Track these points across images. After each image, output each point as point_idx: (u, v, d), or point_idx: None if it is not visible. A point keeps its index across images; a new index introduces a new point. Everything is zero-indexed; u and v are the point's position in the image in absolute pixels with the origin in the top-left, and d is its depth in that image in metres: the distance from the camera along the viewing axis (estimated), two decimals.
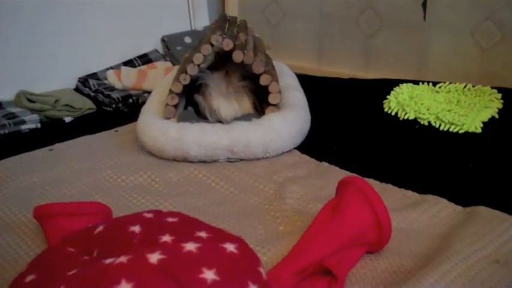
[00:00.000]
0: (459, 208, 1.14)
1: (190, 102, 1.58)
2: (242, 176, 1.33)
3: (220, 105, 1.51)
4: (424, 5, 1.97)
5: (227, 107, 1.52)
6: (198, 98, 1.54)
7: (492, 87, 1.71)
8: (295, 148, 1.48)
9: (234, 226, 1.10)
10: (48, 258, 0.85)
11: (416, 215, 1.11)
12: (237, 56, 1.47)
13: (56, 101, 1.82)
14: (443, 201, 1.16)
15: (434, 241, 1.03)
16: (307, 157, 1.43)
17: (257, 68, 1.48)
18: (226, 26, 1.69)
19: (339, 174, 1.29)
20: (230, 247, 0.79)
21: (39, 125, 1.75)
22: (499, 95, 1.66)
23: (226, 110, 1.52)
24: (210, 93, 1.53)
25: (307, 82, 1.97)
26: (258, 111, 1.56)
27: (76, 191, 1.27)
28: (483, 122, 1.52)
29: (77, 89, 2.05)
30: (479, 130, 1.49)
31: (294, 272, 0.90)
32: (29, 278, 0.79)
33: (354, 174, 1.27)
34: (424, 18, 1.99)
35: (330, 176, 1.30)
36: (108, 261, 0.73)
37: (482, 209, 1.11)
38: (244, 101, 1.54)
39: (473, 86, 1.74)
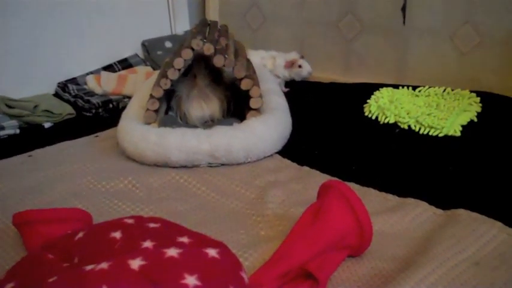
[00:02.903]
0: (439, 211, 1.15)
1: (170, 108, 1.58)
2: (224, 181, 1.33)
3: (188, 108, 1.52)
4: (403, 9, 1.99)
5: (195, 109, 1.52)
6: (172, 104, 1.55)
7: (471, 91, 1.72)
8: (277, 153, 1.48)
9: (215, 231, 1.09)
10: (28, 266, 0.84)
11: (397, 218, 1.12)
12: (218, 61, 1.47)
13: (35, 106, 1.80)
14: (424, 205, 1.17)
15: (415, 244, 1.03)
16: (288, 161, 1.43)
17: (238, 73, 1.48)
18: (207, 30, 1.69)
19: (320, 178, 1.30)
20: (212, 252, 0.78)
21: (18, 131, 1.73)
22: (478, 99, 1.67)
23: (195, 111, 1.52)
24: (180, 98, 1.53)
25: (288, 86, 1.98)
26: (229, 111, 1.57)
27: (56, 197, 1.26)
28: (462, 126, 1.54)
29: (56, 94, 2.03)
30: (458, 133, 1.51)
31: (276, 277, 0.90)
32: (8, 286, 0.78)
33: (335, 178, 1.28)
34: (404, 22, 2.00)
35: (311, 180, 1.30)
36: (89, 267, 0.73)
37: (462, 212, 1.12)
38: (211, 102, 1.54)
39: (452, 90, 1.76)
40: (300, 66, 1.94)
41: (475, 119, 1.58)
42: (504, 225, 1.07)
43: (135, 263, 0.72)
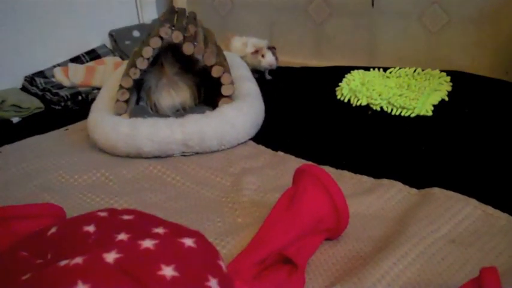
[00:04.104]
0: (414, 190, 1.16)
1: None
2: (198, 170, 1.32)
3: (158, 97, 1.51)
4: None
5: (165, 98, 1.51)
6: (142, 94, 1.53)
7: (441, 71, 1.74)
8: (251, 139, 1.47)
9: (191, 220, 1.08)
10: (0, 264, 0.83)
11: (372, 200, 1.12)
12: (188, 48, 1.45)
13: (3, 101, 1.77)
14: (398, 185, 1.18)
15: (391, 224, 1.04)
16: (262, 147, 1.43)
17: (208, 60, 1.47)
18: (175, 18, 1.66)
19: (295, 163, 1.29)
20: (188, 242, 0.77)
21: None
22: (448, 78, 1.69)
23: (165, 100, 1.51)
24: (149, 88, 1.51)
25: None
26: (200, 99, 1.57)
27: (27, 193, 1.24)
28: (433, 105, 1.55)
29: (23, 88, 2.00)
30: (430, 113, 1.52)
31: (254, 263, 0.89)
32: None
33: (310, 163, 1.28)
34: (372, 4, 2.00)
35: (286, 166, 1.30)
36: (63, 263, 0.71)
37: (436, 191, 1.13)
38: (181, 90, 1.53)
39: (422, 70, 1.77)
40: (262, 56, 1.87)
41: (446, 98, 1.59)
42: (478, 202, 1.08)
43: (110, 256, 0.71)
